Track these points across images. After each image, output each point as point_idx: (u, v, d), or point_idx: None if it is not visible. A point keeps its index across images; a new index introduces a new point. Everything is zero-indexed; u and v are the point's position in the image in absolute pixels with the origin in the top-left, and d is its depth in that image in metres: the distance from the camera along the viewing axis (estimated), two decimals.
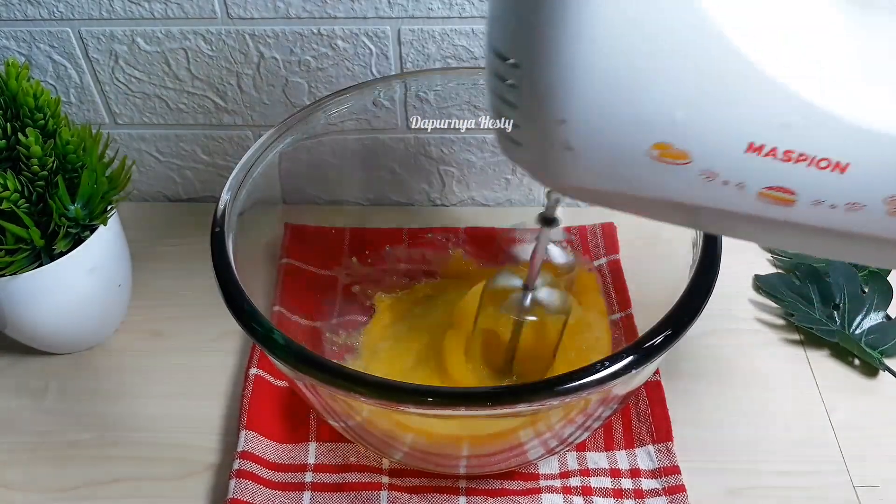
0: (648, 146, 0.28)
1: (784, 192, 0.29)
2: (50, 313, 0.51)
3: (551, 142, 0.29)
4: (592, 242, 0.60)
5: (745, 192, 0.29)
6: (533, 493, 0.47)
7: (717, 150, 0.28)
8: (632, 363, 0.35)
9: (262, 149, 0.47)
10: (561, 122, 0.28)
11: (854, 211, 0.29)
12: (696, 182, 0.29)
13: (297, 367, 0.36)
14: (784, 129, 0.27)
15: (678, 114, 0.27)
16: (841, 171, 0.28)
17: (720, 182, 0.29)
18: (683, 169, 0.29)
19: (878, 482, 0.48)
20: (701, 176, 0.29)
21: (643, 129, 0.28)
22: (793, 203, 0.29)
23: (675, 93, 0.27)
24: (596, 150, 0.29)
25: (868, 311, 0.56)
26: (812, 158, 0.28)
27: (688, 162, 0.28)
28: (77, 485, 0.49)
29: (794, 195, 0.29)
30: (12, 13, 0.57)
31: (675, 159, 0.28)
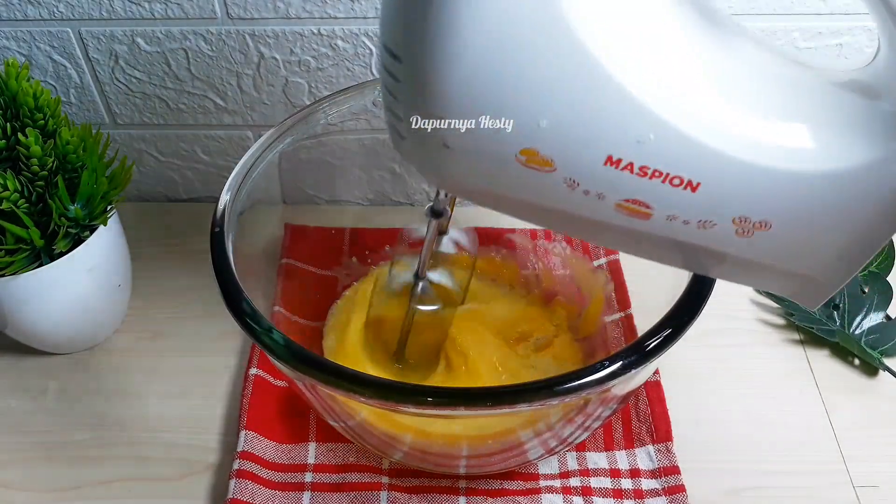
0: (516, 151, 0.29)
1: (641, 206, 0.30)
2: (50, 313, 0.51)
3: (430, 138, 0.30)
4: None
5: (604, 202, 0.30)
6: (533, 493, 0.47)
7: (577, 160, 0.29)
8: (631, 363, 0.35)
9: (262, 149, 0.47)
10: (437, 118, 0.29)
11: (706, 228, 0.30)
12: (561, 189, 0.30)
13: (296, 367, 0.36)
14: (639, 145, 0.28)
15: (542, 122, 0.28)
16: (692, 190, 0.29)
17: (582, 191, 0.30)
18: (548, 176, 0.30)
19: (878, 482, 0.48)
20: (564, 184, 0.30)
21: (511, 134, 0.29)
22: (649, 217, 0.30)
23: (541, 101, 0.28)
24: (470, 150, 0.30)
25: (868, 311, 0.56)
26: (666, 175, 0.29)
27: (552, 169, 0.30)
28: (77, 485, 0.49)
29: (650, 209, 0.30)
30: (12, 13, 0.57)
31: (540, 166, 0.30)
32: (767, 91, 0.29)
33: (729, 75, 0.29)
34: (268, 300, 0.51)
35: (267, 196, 0.49)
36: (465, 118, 0.29)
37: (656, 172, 0.29)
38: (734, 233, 0.31)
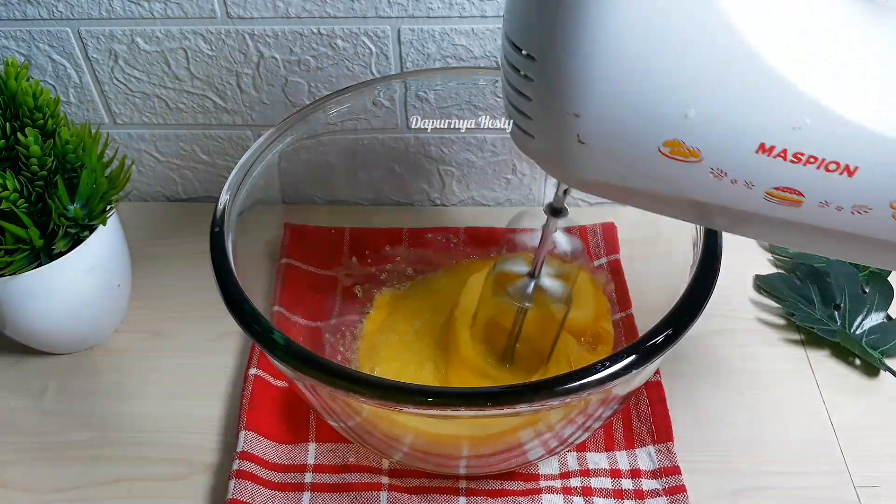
0: (660, 143, 0.29)
1: (792, 193, 0.29)
2: (49, 313, 0.51)
3: (564, 135, 0.30)
4: (593, 242, 0.60)
5: (753, 191, 0.29)
6: (533, 493, 0.47)
7: (727, 149, 0.28)
8: (632, 363, 0.35)
9: (261, 149, 0.47)
10: (575, 117, 0.29)
11: (860, 214, 0.29)
12: (706, 180, 0.29)
13: (296, 367, 0.36)
14: (795, 131, 0.27)
15: (690, 112, 0.27)
16: (849, 175, 0.28)
17: (729, 181, 0.29)
18: (693, 167, 0.29)
19: (879, 482, 0.48)
20: (710, 174, 0.29)
21: (655, 126, 0.28)
22: (800, 204, 0.29)
23: (687, 91, 0.27)
24: (608, 145, 0.29)
25: (869, 311, 0.56)
26: (821, 161, 0.28)
27: (698, 160, 0.29)
28: (77, 485, 0.49)
29: (801, 196, 0.29)
30: (12, 13, 0.57)
31: (685, 157, 0.29)
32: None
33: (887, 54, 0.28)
34: (268, 300, 0.51)
35: (267, 196, 0.49)
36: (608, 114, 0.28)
37: (811, 158, 0.28)
38: (891, 216, 0.29)
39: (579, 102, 0.28)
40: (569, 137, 0.30)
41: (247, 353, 0.55)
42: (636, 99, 0.28)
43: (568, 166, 0.32)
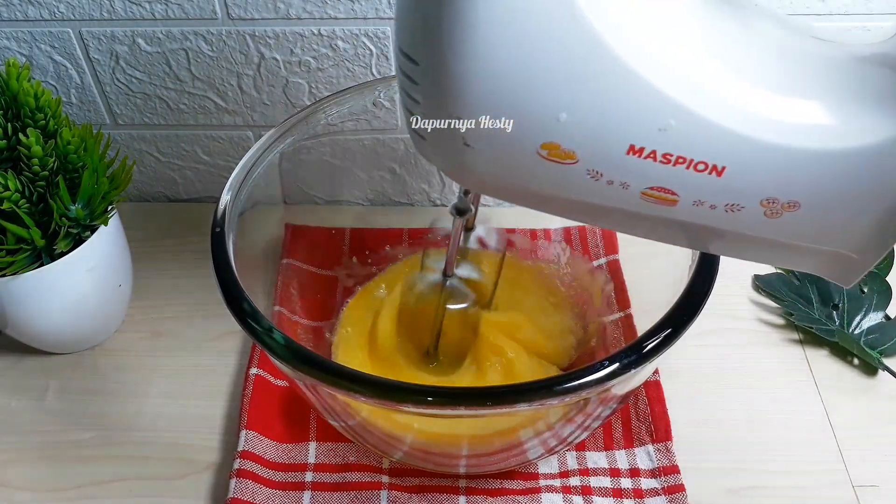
0: (537, 146, 0.29)
1: (666, 193, 0.30)
2: (50, 313, 0.52)
3: (451, 138, 0.31)
4: (592, 242, 0.60)
5: (629, 191, 0.30)
6: (532, 492, 0.47)
7: (600, 151, 0.29)
8: (631, 363, 0.35)
9: (262, 149, 0.48)
10: (456, 118, 0.30)
11: (734, 211, 0.30)
12: (584, 181, 0.30)
13: (297, 366, 0.37)
14: (661, 132, 0.28)
15: (562, 115, 0.28)
16: (718, 175, 0.29)
17: (605, 181, 0.30)
18: (571, 168, 0.30)
19: (878, 482, 0.48)
20: (588, 175, 0.30)
21: (532, 130, 0.29)
22: (675, 203, 0.30)
23: (559, 95, 0.28)
24: (491, 147, 0.30)
25: (867, 311, 0.56)
26: (690, 161, 0.29)
27: (574, 162, 0.30)
28: (77, 484, 0.49)
29: (675, 196, 0.30)
30: (13, 13, 0.57)
31: (562, 159, 0.30)
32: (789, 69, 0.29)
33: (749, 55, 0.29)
34: (268, 300, 0.51)
35: (267, 196, 0.49)
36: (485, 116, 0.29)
37: (680, 159, 0.29)
38: (763, 215, 0.30)
39: (459, 106, 0.29)
40: (455, 140, 0.31)
41: (247, 352, 0.55)
42: (511, 102, 0.28)
43: (459, 168, 0.32)
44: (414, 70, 0.30)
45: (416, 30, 0.29)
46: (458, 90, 0.29)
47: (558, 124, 0.29)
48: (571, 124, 0.29)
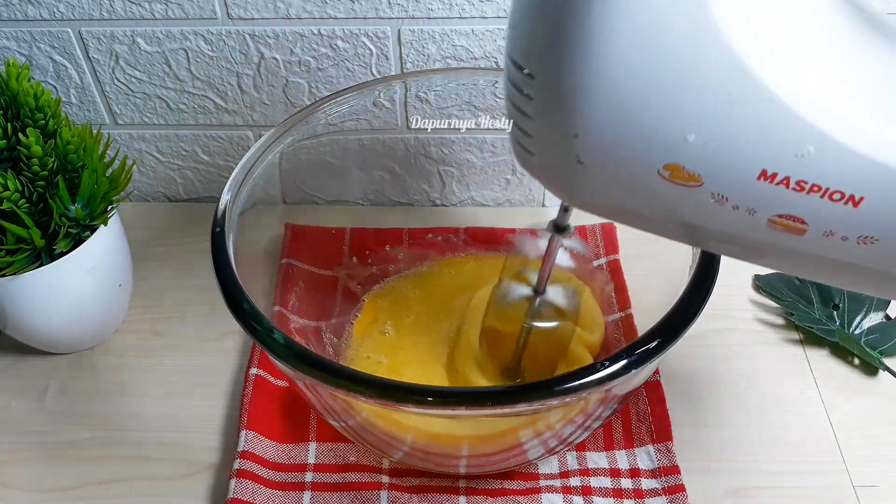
0: (660, 166, 0.28)
1: (795, 221, 0.28)
2: (50, 313, 0.52)
3: (563, 155, 0.29)
4: (592, 242, 0.60)
5: (755, 218, 0.29)
6: (533, 492, 0.47)
7: (728, 175, 0.28)
8: (631, 363, 0.35)
9: (262, 149, 0.48)
10: (573, 137, 0.28)
11: (866, 245, 0.29)
12: (707, 205, 0.29)
13: (297, 366, 0.37)
14: (798, 159, 0.27)
15: (690, 136, 0.27)
16: (854, 205, 0.27)
17: (731, 206, 0.29)
18: (694, 191, 0.28)
19: (878, 482, 0.48)
20: (711, 199, 0.29)
21: (655, 149, 0.28)
22: (804, 232, 0.29)
23: (689, 115, 0.27)
24: (607, 166, 0.29)
25: (868, 311, 0.56)
26: (825, 190, 0.27)
27: (699, 184, 0.28)
28: (77, 484, 0.49)
29: (805, 224, 0.28)
30: (13, 13, 0.57)
31: (685, 181, 0.28)
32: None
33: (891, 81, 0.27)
34: (268, 300, 0.51)
35: (267, 196, 0.49)
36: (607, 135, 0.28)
37: (815, 187, 0.27)
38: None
39: (578, 122, 0.28)
40: (568, 157, 0.29)
41: (247, 352, 0.55)
42: (635, 120, 0.27)
43: (568, 186, 0.31)
44: (528, 83, 0.29)
45: (535, 40, 0.28)
46: (579, 107, 0.27)
47: (685, 145, 0.27)
48: (700, 146, 0.27)
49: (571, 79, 0.27)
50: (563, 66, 0.27)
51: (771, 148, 0.27)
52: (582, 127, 0.28)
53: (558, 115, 0.28)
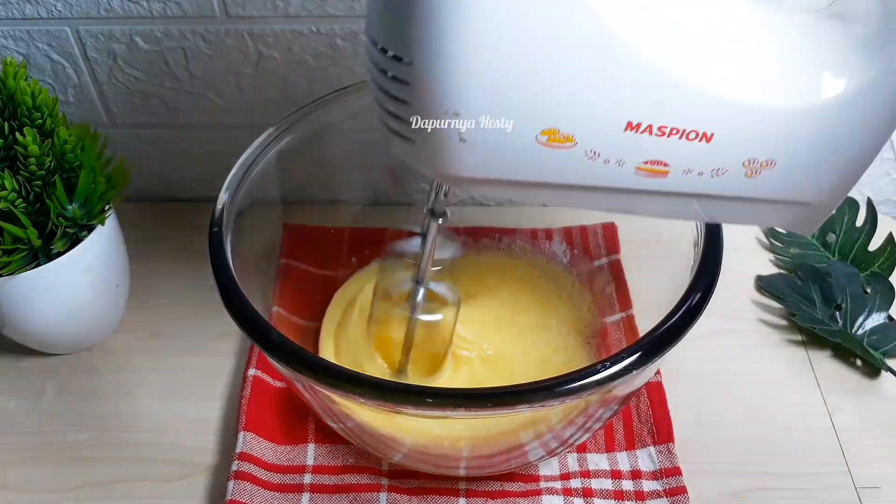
0: (537, 132, 0.30)
1: (659, 165, 0.32)
2: (48, 313, 0.51)
3: (445, 135, 0.31)
4: (593, 242, 0.60)
5: (624, 168, 0.32)
6: (533, 494, 0.47)
7: (599, 130, 0.31)
8: (633, 364, 0.35)
9: (260, 148, 0.47)
10: (454, 115, 0.30)
11: (719, 176, 0.33)
12: (581, 163, 0.31)
13: (295, 367, 0.36)
14: (657, 106, 0.30)
15: (563, 98, 0.29)
16: (707, 141, 0.31)
17: (602, 161, 0.32)
18: (569, 152, 0.31)
19: (880, 483, 0.48)
20: (585, 157, 0.31)
21: (532, 116, 0.30)
22: (666, 174, 0.32)
23: (558, 78, 0.29)
24: (488, 140, 0.31)
25: (870, 311, 0.55)
26: (682, 131, 0.31)
27: (573, 144, 0.31)
28: (75, 485, 0.49)
29: (667, 167, 0.32)
30: (10, 12, 0.57)
31: (561, 143, 0.31)
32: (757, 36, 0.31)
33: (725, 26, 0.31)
34: (266, 300, 0.51)
35: (265, 196, 0.48)
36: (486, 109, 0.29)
37: (674, 130, 0.31)
38: (744, 175, 0.33)
39: (457, 100, 0.29)
40: (449, 136, 0.31)
41: (246, 353, 0.55)
42: (512, 91, 0.29)
43: (451, 166, 0.32)
44: (403, 69, 0.30)
45: (405, 28, 0.29)
46: (457, 85, 0.29)
47: (559, 108, 0.30)
48: (571, 107, 0.30)
49: (446, 59, 0.28)
50: (437, 47, 0.28)
51: (633, 99, 0.30)
52: (461, 104, 0.29)
53: (437, 96, 0.30)
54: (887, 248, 0.58)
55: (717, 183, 0.33)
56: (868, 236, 0.60)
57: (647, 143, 0.31)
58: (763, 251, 0.62)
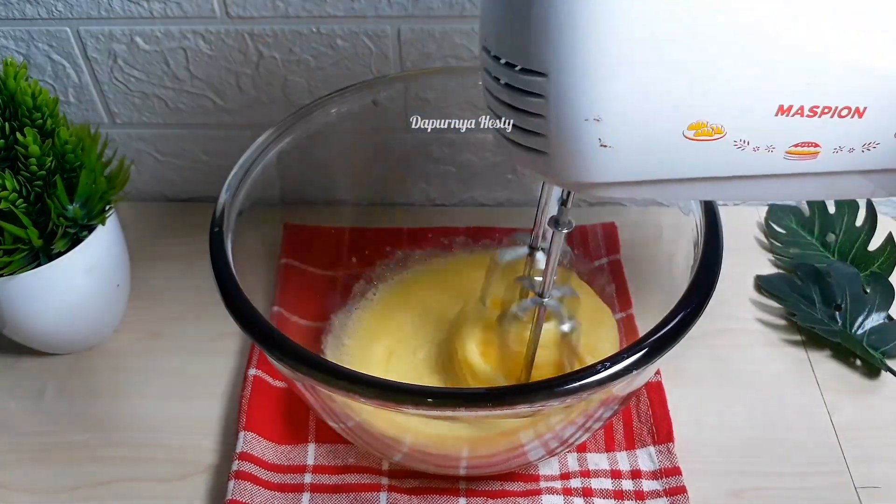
0: (684, 127, 0.30)
1: (809, 147, 0.31)
2: (48, 313, 0.51)
3: (585, 143, 0.30)
4: (593, 243, 0.60)
5: (774, 153, 0.31)
6: (533, 494, 0.47)
7: (748, 118, 0.30)
8: (633, 364, 0.35)
9: (261, 148, 0.47)
10: (595, 122, 0.29)
11: (870, 150, 0.31)
12: (730, 153, 0.31)
13: (295, 367, 0.36)
14: (808, 86, 0.29)
15: (711, 91, 0.29)
16: (860, 116, 0.30)
17: (752, 149, 0.31)
18: (717, 143, 0.30)
19: (880, 483, 0.48)
20: (734, 147, 0.30)
21: (678, 113, 0.29)
22: (817, 155, 0.31)
23: (705, 72, 0.28)
24: (632, 142, 0.30)
25: (870, 311, 0.56)
26: (835, 109, 0.30)
27: (722, 136, 0.30)
28: (75, 485, 0.49)
29: (818, 147, 0.31)
30: (11, 12, 0.57)
31: (710, 136, 0.30)
32: None
33: None
34: (267, 300, 0.51)
35: (266, 196, 0.48)
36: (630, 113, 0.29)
37: (826, 109, 0.30)
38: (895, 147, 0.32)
39: (599, 107, 0.29)
40: (589, 144, 0.30)
41: (246, 353, 0.55)
42: (656, 91, 0.29)
43: (589, 173, 0.32)
44: (538, 84, 0.29)
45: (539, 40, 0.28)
46: (599, 92, 0.28)
47: (706, 101, 0.29)
48: (719, 98, 0.29)
49: (589, 68, 0.28)
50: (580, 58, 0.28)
51: (784, 83, 0.29)
52: (603, 110, 0.29)
53: (577, 105, 0.29)
54: (887, 248, 0.59)
55: (867, 158, 0.32)
56: (868, 236, 0.60)
57: (798, 126, 0.30)
58: (763, 251, 0.62)
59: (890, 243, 0.58)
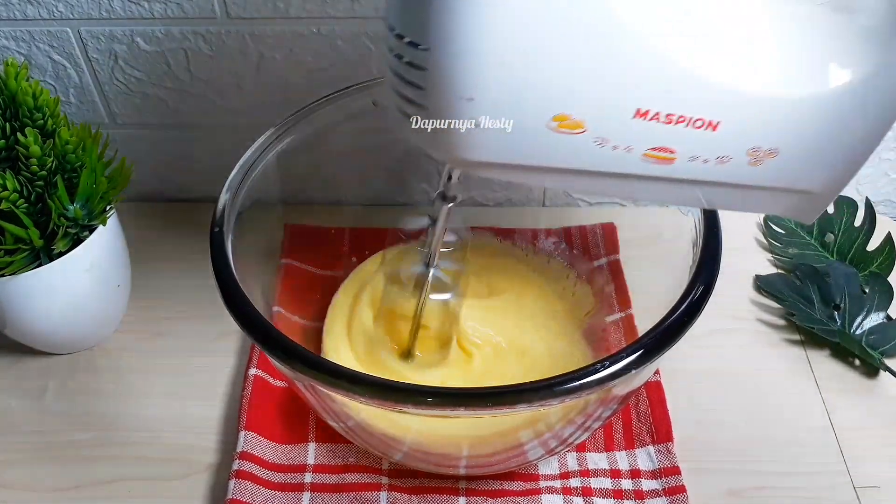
0: (549, 118, 0.31)
1: (665, 152, 0.33)
2: (49, 313, 0.51)
3: (459, 121, 0.31)
4: (593, 242, 0.60)
5: (632, 154, 0.33)
6: (533, 493, 0.47)
7: (609, 117, 0.31)
8: (632, 363, 0.35)
9: (261, 149, 0.47)
10: (469, 100, 0.30)
11: (723, 163, 0.33)
12: (590, 149, 0.32)
13: (295, 367, 0.36)
14: (666, 94, 0.31)
15: (576, 86, 0.30)
16: (713, 129, 0.32)
17: (610, 147, 0.32)
18: (579, 138, 0.32)
19: (879, 483, 0.48)
20: (594, 143, 0.32)
21: (545, 102, 0.31)
22: (672, 161, 0.33)
23: (571, 66, 0.30)
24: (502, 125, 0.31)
25: (869, 311, 0.56)
26: (689, 119, 0.32)
27: (583, 131, 0.32)
28: (76, 485, 0.49)
29: (673, 153, 0.33)
30: (12, 13, 0.57)
31: (571, 129, 0.31)
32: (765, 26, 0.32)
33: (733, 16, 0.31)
34: (267, 300, 0.51)
35: (266, 196, 0.49)
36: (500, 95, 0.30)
37: (681, 118, 0.31)
38: (747, 163, 0.33)
39: (472, 86, 0.30)
40: (463, 122, 0.31)
41: (246, 353, 0.55)
42: (526, 77, 0.30)
43: (463, 149, 0.33)
44: (420, 56, 0.30)
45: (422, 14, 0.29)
46: (473, 72, 0.30)
47: (571, 95, 0.30)
48: (584, 93, 0.30)
49: (465, 46, 0.29)
50: (457, 35, 0.29)
51: (644, 88, 0.31)
52: (476, 90, 0.30)
53: (454, 82, 0.30)
54: (885, 248, 0.59)
55: (720, 170, 0.34)
56: (866, 236, 0.60)
57: (654, 130, 0.32)
58: (762, 251, 0.63)
59: (888, 243, 0.58)
